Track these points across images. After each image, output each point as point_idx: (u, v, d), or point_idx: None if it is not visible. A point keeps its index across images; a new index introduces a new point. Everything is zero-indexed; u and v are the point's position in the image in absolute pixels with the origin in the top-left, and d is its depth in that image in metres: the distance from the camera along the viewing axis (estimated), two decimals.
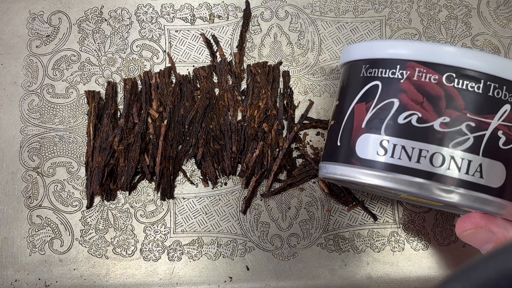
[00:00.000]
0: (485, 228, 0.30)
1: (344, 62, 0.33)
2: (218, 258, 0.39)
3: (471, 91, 0.28)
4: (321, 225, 0.39)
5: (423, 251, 0.39)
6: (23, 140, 0.40)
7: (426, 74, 0.29)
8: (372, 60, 0.31)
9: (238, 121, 0.40)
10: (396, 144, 0.29)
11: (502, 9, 0.42)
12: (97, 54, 0.41)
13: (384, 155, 0.29)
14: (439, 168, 0.28)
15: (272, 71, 0.41)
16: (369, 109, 0.30)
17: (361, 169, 0.30)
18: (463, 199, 0.28)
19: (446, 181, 0.28)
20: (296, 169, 0.40)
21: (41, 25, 0.41)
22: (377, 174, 0.29)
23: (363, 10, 0.42)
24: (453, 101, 0.28)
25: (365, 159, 0.30)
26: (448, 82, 0.28)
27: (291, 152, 0.40)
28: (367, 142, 0.30)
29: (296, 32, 0.41)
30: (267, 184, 0.39)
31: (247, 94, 0.40)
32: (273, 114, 0.40)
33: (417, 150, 0.28)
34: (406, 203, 0.40)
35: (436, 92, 0.28)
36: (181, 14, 0.42)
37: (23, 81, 0.41)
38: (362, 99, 0.31)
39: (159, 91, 0.40)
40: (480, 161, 0.28)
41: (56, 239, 0.39)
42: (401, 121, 0.29)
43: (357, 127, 0.30)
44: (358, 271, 0.39)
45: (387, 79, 0.30)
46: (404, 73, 0.29)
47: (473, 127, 0.28)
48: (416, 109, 0.29)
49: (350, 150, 0.30)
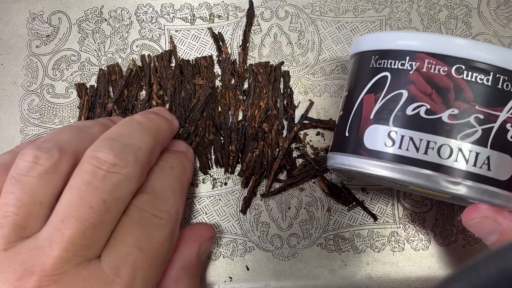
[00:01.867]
0: (491, 219, 0.30)
1: (354, 53, 0.33)
2: (218, 258, 0.39)
3: (480, 83, 0.28)
4: (321, 225, 0.39)
5: (423, 251, 0.39)
6: (23, 140, 0.40)
7: (436, 65, 0.29)
8: (382, 51, 0.31)
9: (239, 121, 0.40)
10: (404, 135, 0.29)
11: (502, 9, 0.42)
12: (97, 54, 0.41)
13: (392, 146, 0.29)
14: (447, 160, 0.28)
15: (274, 71, 0.41)
16: (378, 100, 0.30)
17: (368, 160, 0.30)
18: (470, 191, 0.28)
19: (454, 173, 0.28)
20: (296, 169, 0.40)
21: (41, 25, 0.41)
22: (385, 165, 0.29)
23: (363, 10, 0.42)
24: (462, 93, 0.28)
25: (373, 150, 0.30)
26: (457, 74, 0.28)
27: (291, 152, 0.40)
28: (375, 133, 0.30)
29: (296, 32, 0.41)
30: (267, 184, 0.39)
31: (248, 93, 0.40)
32: (274, 114, 0.40)
33: (425, 141, 0.28)
34: (407, 202, 0.40)
35: (445, 84, 0.28)
36: (181, 14, 0.42)
37: (23, 81, 0.41)
38: (371, 90, 0.31)
39: (158, 75, 0.40)
40: (488, 153, 0.28)
41: None
42: (410, 112, 0.29)
43: (366, 118, 0.30)
44: (358, 271, 0.39)
45: (396, 70, 0.30)
46: (413, 65, 0.29)
47: (481, 120, 0.28)
48: (424, 100, 0.29)
49: (358, 141, 0.30)
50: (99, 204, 0.27)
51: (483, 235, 0.31)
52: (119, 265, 0.28)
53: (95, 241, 0.28)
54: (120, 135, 0.30)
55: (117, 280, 0.27)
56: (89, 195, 0.27)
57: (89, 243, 0.27)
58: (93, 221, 0.27)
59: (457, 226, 0.39)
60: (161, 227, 0.30)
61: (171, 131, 0.35)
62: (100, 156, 0.28)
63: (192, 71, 0.40)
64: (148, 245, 0.29)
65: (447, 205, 0.40)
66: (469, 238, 0.39)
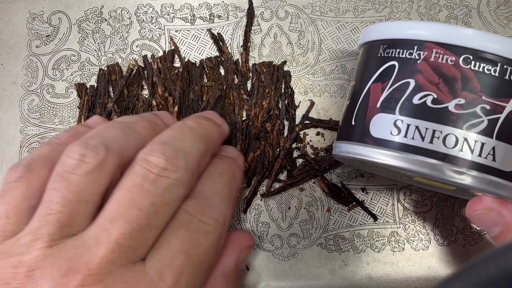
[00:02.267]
0: (495, 211, 0.30)
1: (362, 43, 0.34)
2: None
3: (488, 74, 0.28)
4: (321, 225, 0.39)
5: (423, 251, 0.39)
6: (23, 140, 0.40)
7: (443, 55, 0.29)
8: (390, 41, 0.31)
9: (243, 120, 0.40)
10: (410, 124, 0.29)
11: (502, 9, 0.42)
12: (97, 54, 0.41)
13: (397, 134, 0.29)
14: (452, 149, 0.28)
15: (277, 71, 0.41)
16: (385, 89, 0.30)
17: (374, 148, 0.30)
18: (474, 182, 0.28)
19: (459, 163, 0.28)
20: (296, 169, 0.40)
21: (41, 25, 0.41)
22: (390, 153, 0.29)
23: (363, 10, 0.42)
24: (469, 83, 0.28)
25: (378, 138, 0.30)
26: (465, 64, 0.28)
27: (291, 152, 0.40)
28: (382, 122, 0.30)
29: (296, 32, 0.41)
30: (267, 184, 0.39)
31: (252, 93, 0.40)
32: (275, 114, 0.40)
33: (430, 130, 0.28)
34: (407, 202, 0.40)
35: (452, 73, 0.29)
36: (181, 14, 0.42)
37: (23, 81, 0.41)
38: (378, 79, 0.31)
39: (162, 76, 0.40)
40: (493, 144, 0.28)
41: None
42: (416, 101, 0.29)
43: (372, 107, 0.30)
44: (358, 271, 0.39)
45: (404, 59, 0.30)
46: (421, 54, 0.29)
47: (488, 110, 0.28)
48: (431, 90, 0.29)
49: (364, 129, 0.31)
50: (148, 206, 0.27)
51: (486, 227, 0.31)
52: (164, 269, 0.28)
53: (142, 243, 0.27)
54: (172, 139, 0.30)
55: (160, 284, 0.27)
56: (139, 197, 0.27)
57: (136, 245, 0.27)
58: (141, 223, 0.27)
59: (457, 226, 0.39)
60: (208, 233, 0.30)
61: (221, 136, 0.35)
62: (152, 160, 0.28)
63: (200, 72, 0.40)
64: (194, 250, 0.29)
65: (447, 205, 0.40)
66: (469, 238, 0.39)
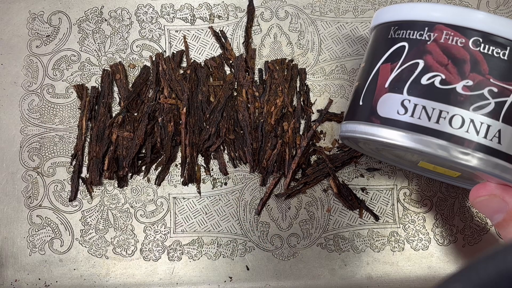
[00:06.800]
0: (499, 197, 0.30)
1: (374, 26, 0.34)
2: (218, 258, 0.39)
3: (497, 57, 0.28)
4: (321, 225, 0.39)
5: (423, 251, 0.39)
6: (23, 140, 0.40)
7: (453, 37, 0.29)
8: (401, 22, 0.31)
9: (256, 117, 0.40)
10: (417, 104, 0.29)
11: (502, 9, 0.42)
12: (97, 54, 0.41)
13: (404, 114, 0.29)
14: (458, 130, 0.28)
15: (291, 69, 0.41)
16: (394, 69, 0.30)
17: (380, 127, 0.30)
18: (480, 163, 0.28)
19: (464, 143, 0.28)
20: (310, 167, 0.39)
21: (41, 25, 0.41)
22: (396, 132, 0.29)
23: (363, 10, 0.42)
24: (477, 65, 0.28)
25: (385, 117, 0.30)
26: (475, 47, 0.28)
27: (308, 150, 0.40)
28: (389, 101, 0.30)
29: (296, 32, 0.41)
30: (285, 182, 0.39)
31: (264, 90, 0.40)
32: (289, 111, 0.40)
33: (437, 111, 0.28)
34: (407, 202, 0.40)
35: (461, 55, 0.29)
36: (181, 14, 0.42)
37: (23, 81, 0.41)
38: (388, 59, 0.31)
39: (167, 77, 0.40)
40: (499, 126, 0.28)
41: (56, 239, 0.39)
42: (424, 81, 0.29)
43: (381, 87, 0.31)
44: (358, 271, 0.39)
45: (414, 40, 0.30)
46: (431, 35, 0.29)
47: (495, 93, 0.28)
48: (440, 70, 0.29)
49: (371, 108, 0.31)
50: None
51: (489, 214, 0.31)
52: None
53: None
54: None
55: None
56: None
57: None
58: None
59: (457, 226, 0.39)
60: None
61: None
62: None
63: (206, 73, 0.40)
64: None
65: (447, 205, 0.40)
66: (469, 238, 0.39)
